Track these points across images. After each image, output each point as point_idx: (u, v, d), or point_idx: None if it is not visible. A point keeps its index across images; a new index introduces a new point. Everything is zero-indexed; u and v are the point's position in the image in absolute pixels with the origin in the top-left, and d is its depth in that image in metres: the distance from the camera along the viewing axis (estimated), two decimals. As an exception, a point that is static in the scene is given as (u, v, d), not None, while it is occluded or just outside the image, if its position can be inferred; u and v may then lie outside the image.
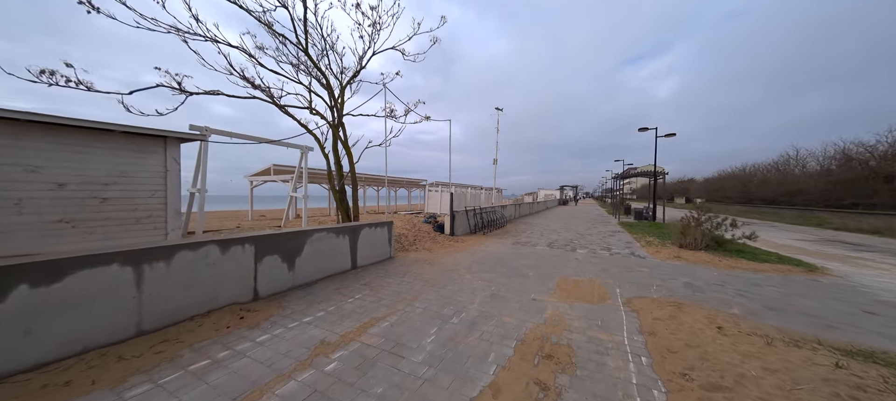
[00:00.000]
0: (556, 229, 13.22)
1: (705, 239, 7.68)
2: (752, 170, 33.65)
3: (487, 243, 9.12)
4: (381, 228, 6.38)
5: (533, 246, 8.84)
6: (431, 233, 10.42)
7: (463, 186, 25.82)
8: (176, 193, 4.62)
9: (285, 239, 4.21)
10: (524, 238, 10.38)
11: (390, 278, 5.18)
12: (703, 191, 48.27)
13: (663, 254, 7.60)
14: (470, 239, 9.90)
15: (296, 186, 11.14)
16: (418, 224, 12.09)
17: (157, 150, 4.42)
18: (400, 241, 8.42)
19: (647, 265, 6.49)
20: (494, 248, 8.39)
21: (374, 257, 6.18)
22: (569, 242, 9.75)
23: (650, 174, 18.97)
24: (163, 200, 4.49)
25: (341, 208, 6.56)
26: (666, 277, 5.51)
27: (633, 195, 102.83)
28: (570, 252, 7.97)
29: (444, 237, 9.84)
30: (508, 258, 7.00)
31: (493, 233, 11.68)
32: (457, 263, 6.36)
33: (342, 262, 5.31)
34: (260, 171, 18.25)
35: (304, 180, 10.16)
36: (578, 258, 7.16)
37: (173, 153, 4.60)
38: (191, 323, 3.08)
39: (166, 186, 4.48)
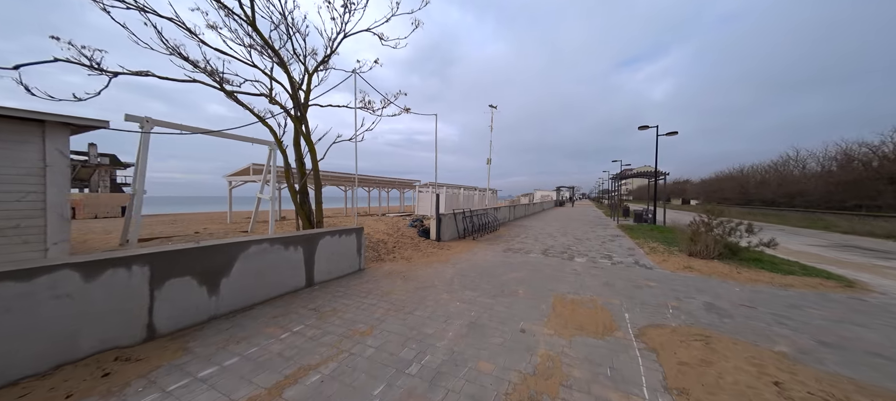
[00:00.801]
0: (552, 233, 12.37)
1: (718, 247, 6.85)
2: (750, 171, 33.27)
3: (476, 251, 8.22)
4: (347, 235, 5.44)
5: (526, 254, 7.96)
6: (415, 238, 9.49)
7: (455, 187, 24.88)
8: (60, 196, 3.63)
9: (204, 255, 3.26)
10: (517, 244, 9.50)
11: (349, 299, 4.24)
12: (700, 192, 47.98)
13: (672, 263, 6.75)
14: (457, 245, 8.99)
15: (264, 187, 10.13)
16: (403, 228, 11.16)
17: (30, 139, 3.41)
18: (376, 249, 7.48)
19: (656, 278, 5.63)
20: (483, 256, 7.49)
21: (339, 271, 5.23)
22: (566, 248, 8.88)
23: (650, 175, 18.23)
24: (40, 204, 3.50)
25: (301, 213, 5.61)
26: (681, 295, 4.64)
27: (629, 196, 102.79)
28: (568, 261, 7.10)
29: (429, 243, 8.92)
30: (497, 270, 6.10)
31: (484, 238, 10.78)
32: (436, 277, 5.44)
33: (292, 279, 4.36)
34: (239, 170, 17.18)
35: (272, 180, 9.17)
36: (577, 269, 6.28)
37: (58, 143, 3.60)
38: (14, 389, 2.10)
39: (46, 185, 3.49)
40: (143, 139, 5.77)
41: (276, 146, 8.79)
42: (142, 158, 5.82)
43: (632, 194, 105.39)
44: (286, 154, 5.60)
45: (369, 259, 6.64)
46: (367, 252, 7.04)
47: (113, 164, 38.31)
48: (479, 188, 24.59)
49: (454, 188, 24.00)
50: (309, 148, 5.51)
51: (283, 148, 5.57)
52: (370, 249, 7.35)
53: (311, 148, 5.55)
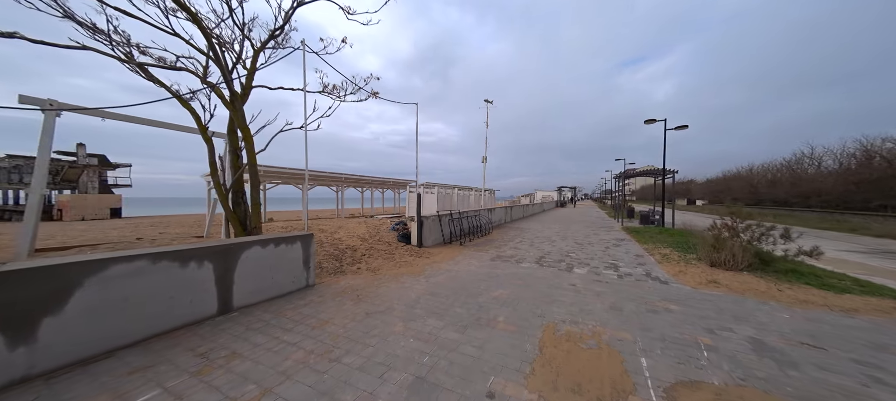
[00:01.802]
0: (551, 237, 11.22)
1: (747, 256, 5.68)
2: (760, 170, 31.78)
3: (460, 259, 7.10)
4: (288, 245, 4.34)
5: (517, 262, 6.83)
6: (393, 244, 8.39)
7: (448, 187, 23.82)
8: None
9: (16, 281, 2.17)
10: (509, 250, 8.36)
11: (266, 334, 3.14)
12: (706, 192, 46.49)
13: (692, 276, 5.60)
14: (440, 252, 7.87)
15: None
16: (382, 231, 10.05)
17: None
18: (341, 258, 6.37)
19: (676, 297, 4.48)
20: (466, 265, 6.37)
21: (274, 290, 4.13)
22: (564, 255, 7.74)
23: (657, 173, 17.02)
24: None
25: (233, 218, 4.51)
26: (714, 325, 3.50)
27: (632, 196, 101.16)
28: (566, 272, 5.96)
29: (408, 250, 7.81)
30: (479, 285, 4.97)
31: (474, 242, 9.66)
32: (398, 297, 4.33)
33: (193, 307, 3.26)
34: (217, 169, 16.21)
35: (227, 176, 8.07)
36: (576, 284, 5.14)
37: None
38: None
39: None
40: (45, 125, 4.72)
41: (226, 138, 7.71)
42: (43, 148, 4.77)
43: (635, 195, 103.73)
44: (211, 143, 4.53)
45: (327, 272, 5.53)
46: (328, 262, 5.95)
47: (102, 164, 37.48)
48: (475, 188, 23.43)
49: (447, 188, 22.93)
50: (244, 136, 4.44)
51: (208, 136, 4.51)
52: (332, 258, 6.25)
53: (247, 136, 4.46)
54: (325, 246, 7.16)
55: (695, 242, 8.78)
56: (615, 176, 22.98)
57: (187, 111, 4.49)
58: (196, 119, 4.36)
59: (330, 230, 10.34)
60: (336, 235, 9.29)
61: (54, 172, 35.35)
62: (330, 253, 6.55)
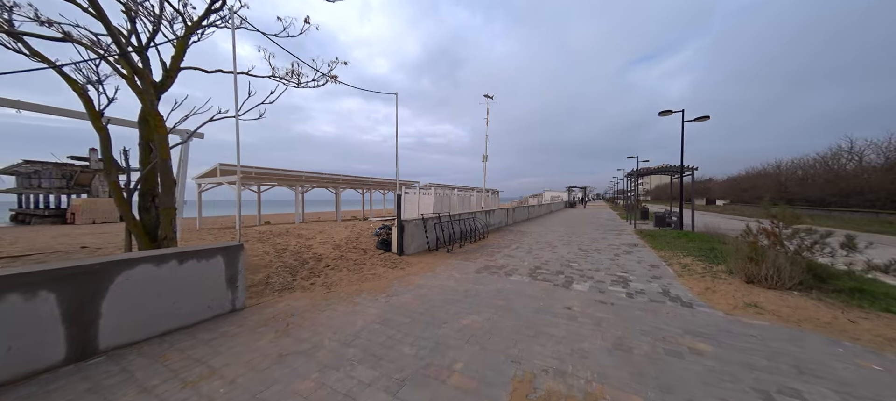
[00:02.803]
0: (553, 242, 10.05)
1: (797, 271, 4.44)
2: (789, 166, 29.21)
3: (440, 270, 6.08)
4: (203, 261, 3.43)
5: (507, 275, 5.76)
6: (370, 251, 7.44)
7: (447, 188, 22.73)
8: None
9: None
10: (501, 258, 7.29)
11: (104, 394, 2.23)
12: (728, 191, 43.66)
13: (723, 296, 4.41)
14: (421, 261, 6.87)
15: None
16: (365, 236, 9.14)
17: None
18: (296, 270, 5.44)
19: (705, 329, 3.35)
20: (443, 279, 5.34)
21: (177, 320, 3.23)
22: (565, 265, 6.61)
23: (674, 170, 15.53)
24: None
25: (135, 226, 3.62)
26: (769, 384, 2.38)
27: (647, 196, 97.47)
28: (562, 289, 4.86)
29: (385, 259, 6.84)
30: (447, 309, 3.95)
31: (464, 249, 8.61)
32: (338, 327, 3.37)
33: (16, 356, 2.38)
34: (206, 172, 15.71)
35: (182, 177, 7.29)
36: (572, 307, 4.05)
37: None
38: None
39: None
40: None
41: (190, 138, 6.95)
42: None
43: (649, 194, 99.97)
44: (105, 133, 3.69)
45: (273, 289, 4.60)
46: (279, 277, 5.04)
47: (112, 169, 38.41)
48: (476, 189, 22.30)
49: (446, 189, 21.84)
50: (154, 125, 3.56)
51: (100, 124, 3.66)
52: (287, 271, 5.33)
53: (157, 124, 3.56)
54: (285, 255, 6.28)
55: (722, 250, 7.49)
56: (627, 174, 21.46)
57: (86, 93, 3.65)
58: (86, 101, 3.53)
59: (307, 235, 9.51)
60: (310, 241, 8.43)
61: (68, 177, 36.39)
62: (287, 264, 5.66)
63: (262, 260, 5.69)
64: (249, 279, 4.73)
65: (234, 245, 3.81)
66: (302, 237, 9.05)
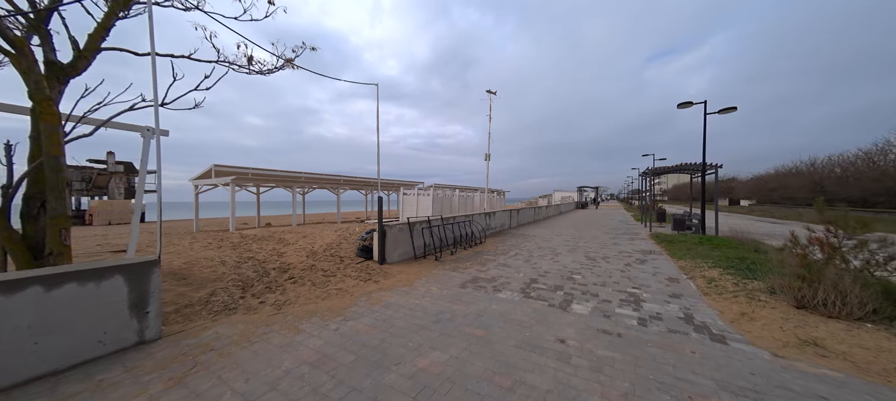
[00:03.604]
0: (556, 248, 9.09)
1: (871, 296, 3.40)
2: (826, 163, 26.64)
3: (419, 284, 5.29)
4: (90, 284, 2.75)
5: (495, 291, 4.91)
6: (348, 260, 6.72)
7: (449, 188, 21.88)
8: None
9: None
10: (494, 268, 6.42)
11: None
12: (754, 191, 40.90)
13: (766, 326, 3.43)
14: (402, 272, 6.09)
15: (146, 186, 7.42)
16: (348, 242, 8.44)
17: None
18: (250, 285, 4.75)
19: (748, 380, 2.43)
20: (418, 297, 4.54)
21: (46, 363, 2.54)
22: (566, 277, 5.69)
23: (693, 169, 14.20)
24: None
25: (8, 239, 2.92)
26: None
27: (664, 197, 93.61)
28: (558, 311, 3.98)
29: (362, 268, 6.10)
30: (408, 341, 3.16)
31: (456, 256, 7.78)
32: (256, 369, 2.63)
33: None
34: (201, 173, 15.47)
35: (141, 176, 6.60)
36: (567, 340, 3.18)
37: None
38: None
39: None
40: None
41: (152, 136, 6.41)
42: None
43: (667, 195, 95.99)
44: None
45: (213, 309, 3.91)
46: (226, 292, 4.36)
47: (128, 171, 39.57)
48: (479, 189, 21.36)
49: (446, 189, 21.00)
50: (40, 112, 2.89)
51: None
52: (237, 285, 4.65)
53: (46, 112, 2.87)
54: (245, 266, 5.62)
55: (756, 261, 6.37)
56: (642, 173, 20.07)
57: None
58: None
59: (289, 240, 8.91)
60: (288, 246, 7.80)
61: (87, 180, 37.79)
62: (242, 277, 4.99)
63: (214, 272, 5.05)
64: (187, 298, 4.07)
65: (143, 261, 3.13)
66: (283, 242, 8.46)
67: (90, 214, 33.92)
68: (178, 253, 6.59)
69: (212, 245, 7.64)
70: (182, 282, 4.37)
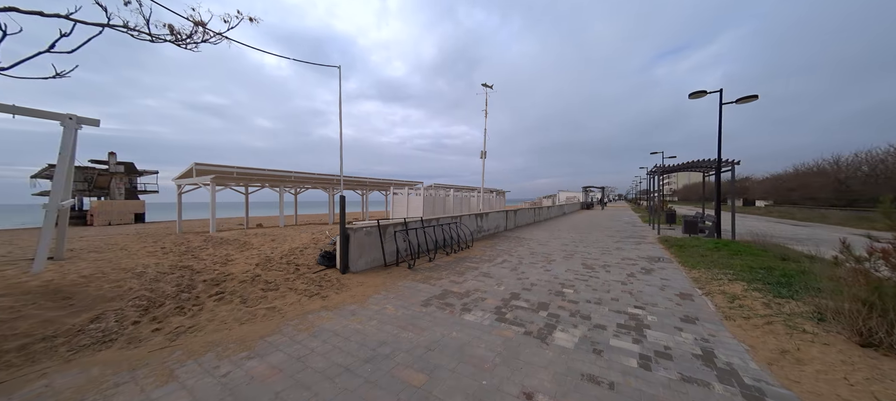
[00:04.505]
0: (552, 253, 8.09)
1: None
2: (852, 161, 24.69)
3: (375, 300, 4.39)
4: None
5: (463, 311, 3.98)
6: (305, 268, 5.86)
7: (443, 188, 20.96)
8: None
9: None
10: (472, 279, 5.48)
11: None
12: (770, 191, 38.75)
13: (821, 374, 2.43)
14: (363, 283, 5.20)
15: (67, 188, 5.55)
16: (313, 248, 7.59)
17: None
18: (155, 307, 3.91)
19: None
20: (364, 319, 3.65)
21: None
22: (555, 291, 4.72)
23: (706, 166, 12.99)
24: None
25: None
26: None
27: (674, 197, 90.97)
28: (534, 343, 3.04)
29: (316, 279, 5.23)
30: (312, 397, 2.27)
31: (434, 263, 6.85)
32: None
33: None
34: (184, 172, 14.86)
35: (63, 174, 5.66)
36: (537, 397, 2.24)
37: None
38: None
39: None
40: None
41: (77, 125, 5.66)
42: None
43: (677, 194, 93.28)
44: None
45: (86, 340, 3.08)
46: (117, 316, 3.53)
47: (128, 172, 39.62)
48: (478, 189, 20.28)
49: (440, 189, 20.07)
50: None
51: None
52: (136, 308, 3.81)
53: None
54: (167, 278, 4.78)
55: (787, 271, 5.29)
56: (650, 171, 18.82)
57: None
58: None
59: (254, 245, 8.12)
60: (242, 252, 6.99)
61: (88, 180, 37.95)
62: (155, 293, 4.15)
63: (119, 287, 4.23)
64: (55, 326, 3.22)
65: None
66: (245, 246, 7.66)
67: (91, 214, 34.06)
68: (99, 260, 5.82)
69: (155, 251, 6.87)
70: (62, 303, 3.56)
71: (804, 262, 6.27)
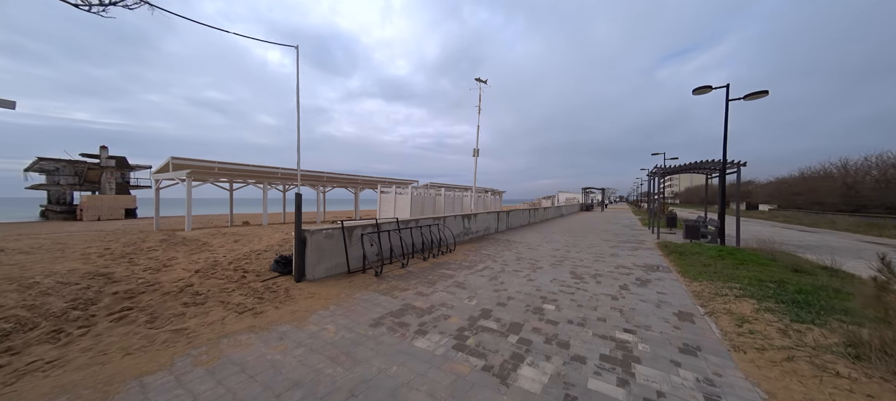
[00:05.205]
0: (539, 259, 7.39)
1: None
2: (861, 165, 23.79)
3: (313, 320, 3.71)
4: None
5: (418, 334, 3.30)
6: (253, 274, 5.19)
7: (434, 187, 20.27)
8: None
9: None
10: (441, 291, 4.79)
11: None
12: (774, 194, 37.85)
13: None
14: (316, 294, 4.53)
15: None
16: (271, 252, 6.92)
17: None
18: (29, 328, 3.25)
19: None
20: (283, 351, 2.97)
21: None
22: (533, 308, 4.03)
23: (710, 168, 12.27)
24: None
25: None
26: None
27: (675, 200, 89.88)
28: (491, 386, 2.35)
29: (259, 290, 4.56)
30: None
31: (406, 269, 6.16)
32: None
33: None
34: (160, 166, 14.22)
35: None
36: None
37: None
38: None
39: None
40: None
41: None
42: None
43: (678, 197, 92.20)
44: None
45: None
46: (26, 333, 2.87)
47: (120, 166, 38.96)
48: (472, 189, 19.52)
49: (431, 188, 19.37)
50: None
51: None
52: (2, 333, 3.15)
53: None
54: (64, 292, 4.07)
55: (803, 286, 4.57)
56: (650, 173, 18.08)
57: None
58: None
59: (214, 245, 7.46)
60: (191, 256, 6.32)
61: (79, 174, 37.32)
62: (34, 312, 3.46)
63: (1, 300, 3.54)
64: None
65: None
66: (199, 248, 7.00)
67: (81, 209, 33.40)
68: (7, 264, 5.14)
69: (92, 254, 6.21)
70: None
71: (821, 275, 5.56)
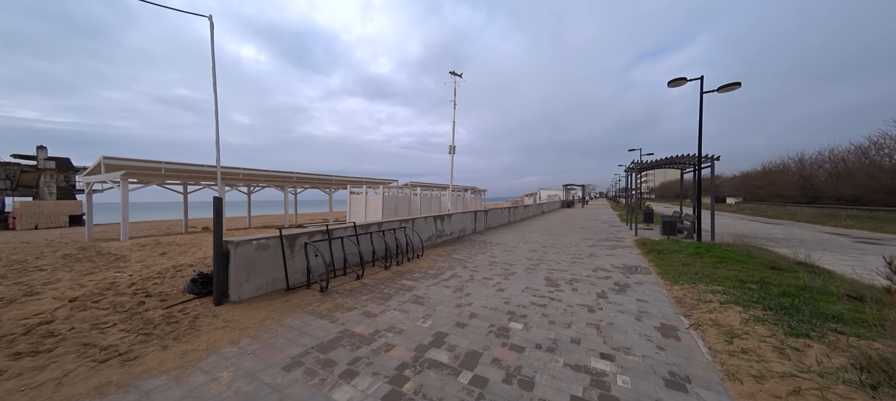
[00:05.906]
0: (513, 263, 6.79)
1: None
2: (816, 159, 25.28)
3: (204, 366, 2.87)
4: None
5: (344, 377, 2.55)
6: (148, 304, 4.23)
7: (410, 186, 19.44)
8: None
9: None
10: (394, 310, 4.05)
11: None
12: (739, 188, 39.82)
13: None
14: (227, 324, 3.66)
15: None
16: (202, 266, 5.91)
17: None
18: None
19: None
20: None
21: None
22: (497, 331, 3.37)
23: (684, 163, 12.22)
24: None
25: None
26: None
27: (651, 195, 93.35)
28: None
29: (153, 321, 3.63)
30: None
31: (361, 281, 5.35)
32: None
33: None
34: (92, 168, 12.54)
35: None
36: None
37: None
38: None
39: None
40: None
41: None
42: None
43: (654, 192, 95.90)
44: None
45: None
46: None
47: (62, 168, 35.14)
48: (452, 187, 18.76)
49: (411, 187, 18.53)
50: None
51: None
52: None
53: None
54: None
55: (787, 289, 4.18)
56: (627, 169, 18.12)
57: None
58: None
59: (132, 259, 6.34)
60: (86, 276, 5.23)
61: (11, 177, 33.26)
62: None
63: None
64: None
65: None
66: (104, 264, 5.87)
67: (13, 216, 29.78)
68: None
69: None
70: None
71: (800, 273, 5.28)
